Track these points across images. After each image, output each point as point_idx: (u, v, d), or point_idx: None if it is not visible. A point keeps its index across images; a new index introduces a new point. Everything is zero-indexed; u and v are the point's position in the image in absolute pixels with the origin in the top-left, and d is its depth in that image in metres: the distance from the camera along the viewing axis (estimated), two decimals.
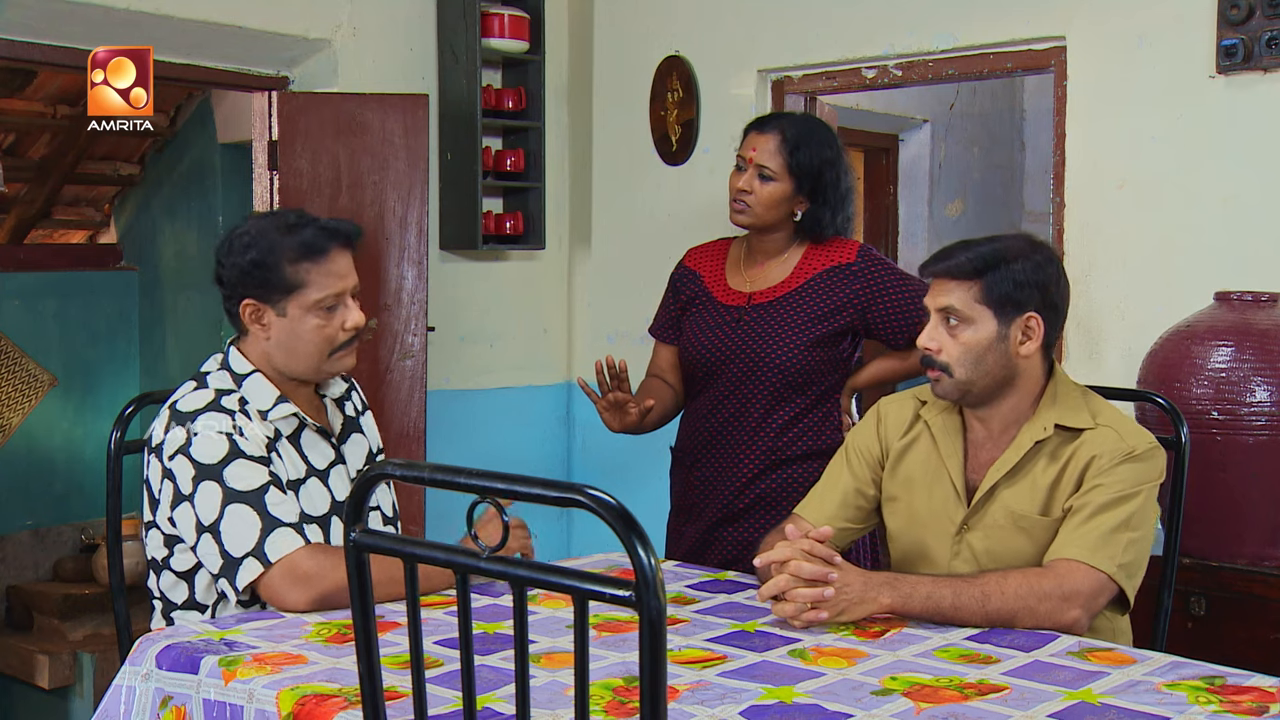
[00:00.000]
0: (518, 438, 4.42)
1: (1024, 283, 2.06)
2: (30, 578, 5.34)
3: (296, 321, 2.18)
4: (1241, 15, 2.93)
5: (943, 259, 2.11)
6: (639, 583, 1.17)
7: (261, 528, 2.05)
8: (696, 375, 2.90)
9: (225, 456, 2.09)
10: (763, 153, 2.80)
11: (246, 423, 2.14)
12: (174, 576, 2.18)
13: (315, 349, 2.19)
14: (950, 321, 2.09)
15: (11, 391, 5.31)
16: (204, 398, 2.16)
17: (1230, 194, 3.01)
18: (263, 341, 2.21)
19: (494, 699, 1.63)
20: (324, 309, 2.18)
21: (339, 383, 2.36)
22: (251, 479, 2.08)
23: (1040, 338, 2.09)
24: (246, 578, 2.05)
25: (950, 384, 2.12)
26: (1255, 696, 1.66)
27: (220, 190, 5.46)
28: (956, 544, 2.16)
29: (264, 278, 2.16)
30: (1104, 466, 2.05)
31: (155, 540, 2.17)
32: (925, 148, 5.48)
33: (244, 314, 2.20)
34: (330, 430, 2.30)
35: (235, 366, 2.22)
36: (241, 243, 2.19)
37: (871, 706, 1.62)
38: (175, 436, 2.11)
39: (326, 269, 2.17)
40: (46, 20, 3.45)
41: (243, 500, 2.06)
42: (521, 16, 4.15)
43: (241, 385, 2.19)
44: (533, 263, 4.43)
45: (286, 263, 2.16)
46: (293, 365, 2.21)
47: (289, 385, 2.24)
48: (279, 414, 2.19)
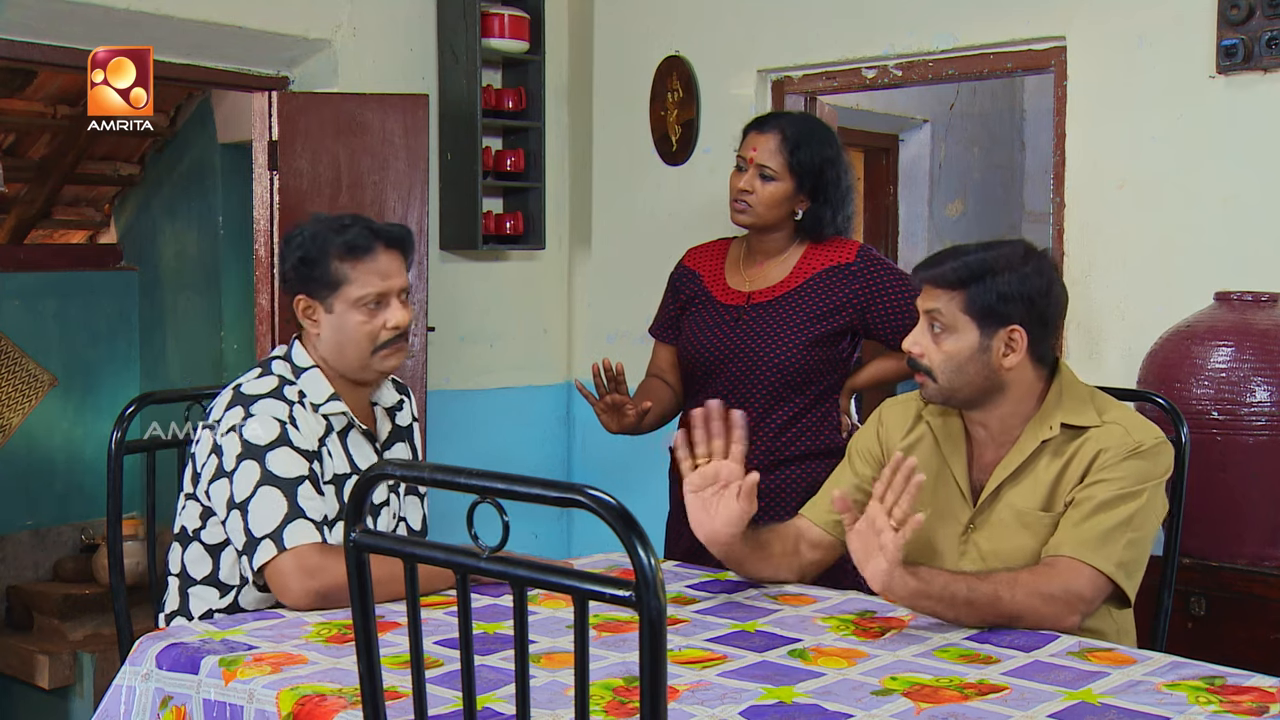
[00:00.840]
0: (518, 438, 4.42)
1: (1008, 295, 2.05)
2: (30, 578, 5.34)
3: (341, 317, 2.26)
4: (1242, 15, 2.93)
5: (932, 265, 2.11)
6: (639, 583, 1.17)
7: (286, 514, 2.11)
8: (695, 374, 2.91)
9: (273, 441, 2.16)
10: (763, 152, 2.80)
11: (302, 414, 2.22)
12: (202, 549, 2.23)
13: (359, 346, 2.26)
14: (935, 328, 2.10)
15: (12, 391, 5.31)
16: (268, 384, 2.24)
17: (1230, 194, 3.01)
18: (316, 335, 2.29)
19: (494, 699, 1.63)
20: (367, 306, 2.25)
21: (392, 392, 2.43)
22: (291, 468, 2.15)
23: (1023, 350, 2.08)
24: (262, 558, 2.10)
25: (934, 389, 2.13)
26: (1255, 697, 1.66)
27: (220, 190, 5.46)
28: (963, 544, 2.16)
29: (310, 274, 2.25)
30: (1109, 461, 2.05)
31: (191, 511, 2.24)
32: (925, 148, 5.48)
33: (298, 310, 2.29)
34: (376, 435, 2.36)
35: (296, 360, 2.30)
36: (296, 241, 2.29)
37: (871, 707, 1.62)
38: (233, 415, 2.19)
39: (369, 267, 2.25)
40: (46, 20, 3.44)
41: (276, 485, 2.12)
42: (521, 16, 4.15)
43: (300, 378, 2.27)
44: (533, 263, 4.43)
45: (333, 260, 2.24)
46: (341, 362, 2.29)
47: (343, 384, 2.31)
48: (330, 410, 2.26)
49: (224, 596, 2.23)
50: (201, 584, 2.24)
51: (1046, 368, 2.14)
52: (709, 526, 2.10)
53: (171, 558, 2.28)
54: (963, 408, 2.16)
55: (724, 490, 2.09)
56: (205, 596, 2.23)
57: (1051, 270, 2.12)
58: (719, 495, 2.09)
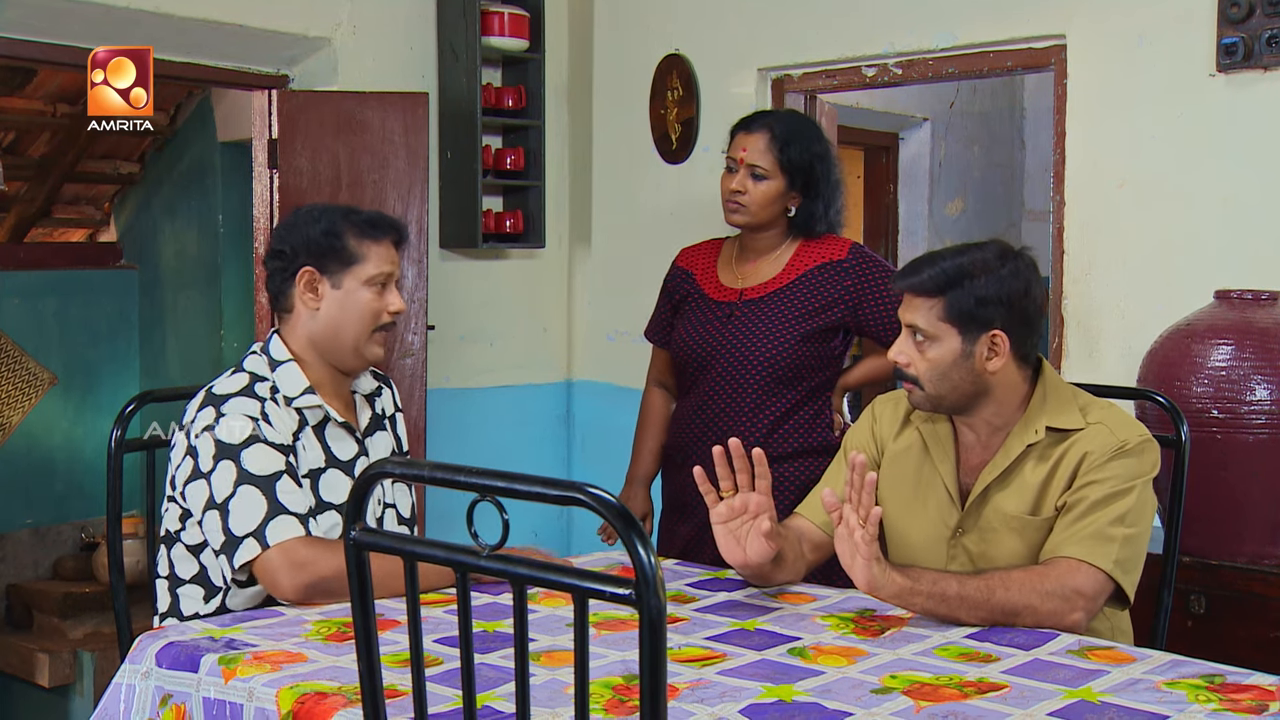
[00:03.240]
0: (518, 436, 4.42)
1: (987, 299, 2.05)
2: (30, 576, 5.35)
3: (350, 294, 2.29)
4: (1242, 14, 2.93)
5: (908, 274, 2.11)
6: (639, 581, 1.17)
7: (266, 511, 2.11)
8: (687, 371, 2.91)
9: (246, 439, 2.16)
10: (753, 152, 2.81)
11: (274, 409, 2.22)
12: (184, 549, 2.24)
13: (360, 324, 2.30)
14: (918, 336, 2.10)
15: (12, 390, 5.31)
16: (238, 383, 2.25)
17: (1231, 192, 3.01)
18: (308, 316, 2.30)
19: (494, 697, 1.63)
20: (375, 286, 2.30)
21: (370, 380, 2.44)
22: (267, 464, 2.15)
23: (1006, 353, 2.08)
24: (244, 557, 2.10)
25: (921, 396, 2.13)
26: (1255, 695, 1.66)
27: (220, 189, 5.47)
28: (952, 547, 2.17)
29: (330, 246, 2.28)
30: (1096, 463, 2.05)
31: (173, 514, 2.25)
32: (925, 146, 5.48)
33: (299, 282, 2.29)
34: (355, 426, 2.36)
35: (274, 353, 2.31)
36: (309, 216, 2.33)
37: (871, 705, 1.62)
38: (205, 415, 2.19)
39: (382, 250, 2.32)
40: (46, 19, 3.44)
41: (254, 483, 2.13)
42: (521, 15, 4.15)
43: (275, 371, 2.28)
44: (532, 261, 4.43)
45: (351, 237, 2.29)
46: (333, 343, 2.30)
47: (322, 375, 2.32)
48: (304, 404, 2.26)
49: (211, 598, 2.22)
50: (190, 583, 2.24)
51: (1030, 367, 2.14)
52: (741, 557, 2.07)
53: (160, 561, 2.29)
54: (951, 412, 2.16)
55: (754, 521, 2.06)
56: (194, 595, 2.24)
57: (1029, 270, 2.10)
58: (748, 525, 2.06)
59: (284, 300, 2.32)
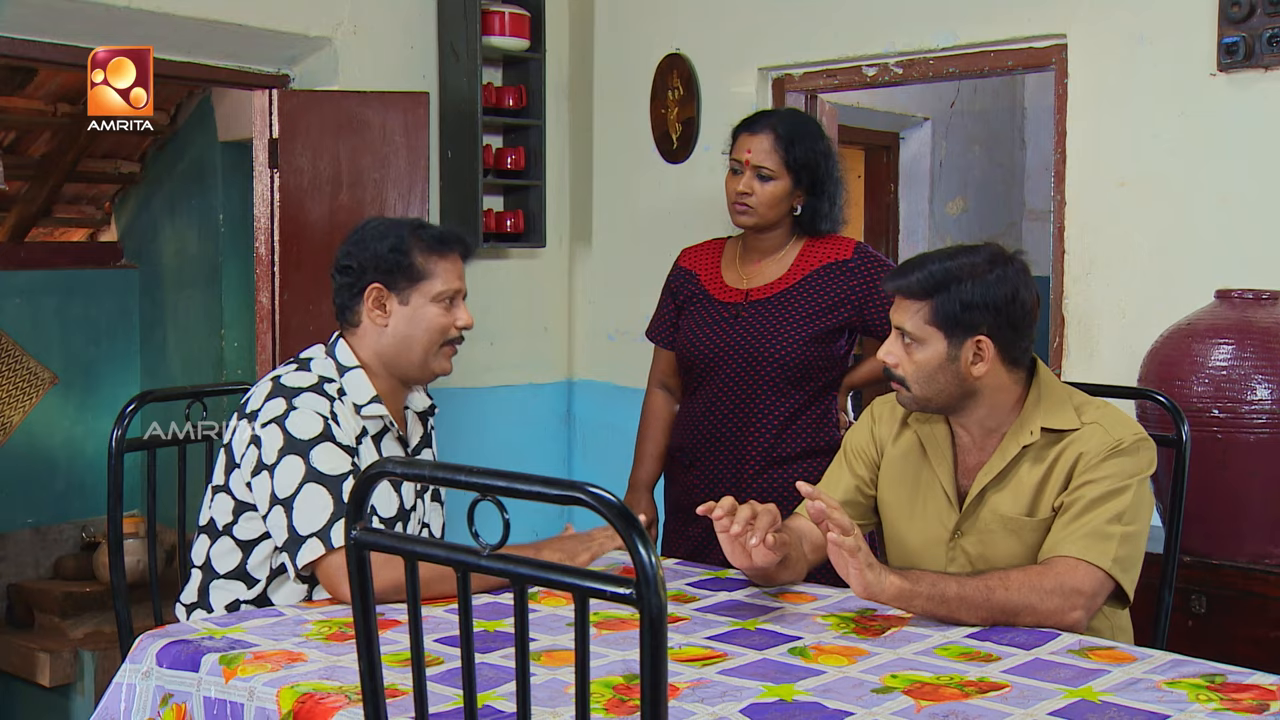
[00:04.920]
0: (518, 436, 4.42)
1: (972, 304, 2.05)
2: (31, 576, 5.35)
3: (418, 309, 2.29)
4: (1242, 13, 2.93)
5: (898, 276, 2.12)
6: (640, 580, 1.17)
7: (332, 512, 2.10)
8: (694, 372, 2.91)
9: (317, 436, 2.15)
10: (758, 153, 2.81)
11: (343, 411, 2.22)
12: (232, 543, 2.22)
13: (429, 339, 2.30)
14: (906, 338, 2.11)
15: (12, 389, 5.31)
16: (308, 378, 2.24)
17: (1231, 192, 3.01)
18: (375, 332, 2.30)
19: (494, 697, 1.63)
20: (443, 302, 2.30)
21: (423, 397, 2.45)
22: (335, 464, 2.14)
23: (991, 358, 2.08)
24: (307, 557, 2.10)
25: (908, 397, 2.14)
26: (1255, 694, 1.66)
27: (221, 188, 5.46)
28: (951, 549, 2.17)
29: (397, 263, 2.27)
30: (1091, 462, 2.05)
31: (222, 505, 2.22)
32: (926, 146, 5.48)
33: (367, 299, 2.29)
34: (408, 440, 2.37)
35: (341, 358, 2.30)
36: (377, 232, 2.31)
37: (872, 704, 1.62)
38: (274, 406, 2.17)
39: (449, 266, 2.31)
40: (47, 18, 3.44)
41: (321, 482, 2.12)
42: (522, 14, 4.15)
43: (343, 376, 2.27)
44: (533, 261, 4.43)
45: (418, 253, 2.28)
46: (401, 357, 2.30)
47: (386, 387, 2.32)
48: (370, 412, 2.26)
49: (251, 589, 2.22)
50: (225, 578, 2.23)
51: (1023, 370, 2.14)
52: (746, 561, 2.07)
53: (196, 550, 2.27)
54: (940, 413, 2.17)
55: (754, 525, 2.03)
56: (231, 589, 2.22)
57: (1018, 276, 2.09)
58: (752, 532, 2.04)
59: (351, 315, 2.31)
